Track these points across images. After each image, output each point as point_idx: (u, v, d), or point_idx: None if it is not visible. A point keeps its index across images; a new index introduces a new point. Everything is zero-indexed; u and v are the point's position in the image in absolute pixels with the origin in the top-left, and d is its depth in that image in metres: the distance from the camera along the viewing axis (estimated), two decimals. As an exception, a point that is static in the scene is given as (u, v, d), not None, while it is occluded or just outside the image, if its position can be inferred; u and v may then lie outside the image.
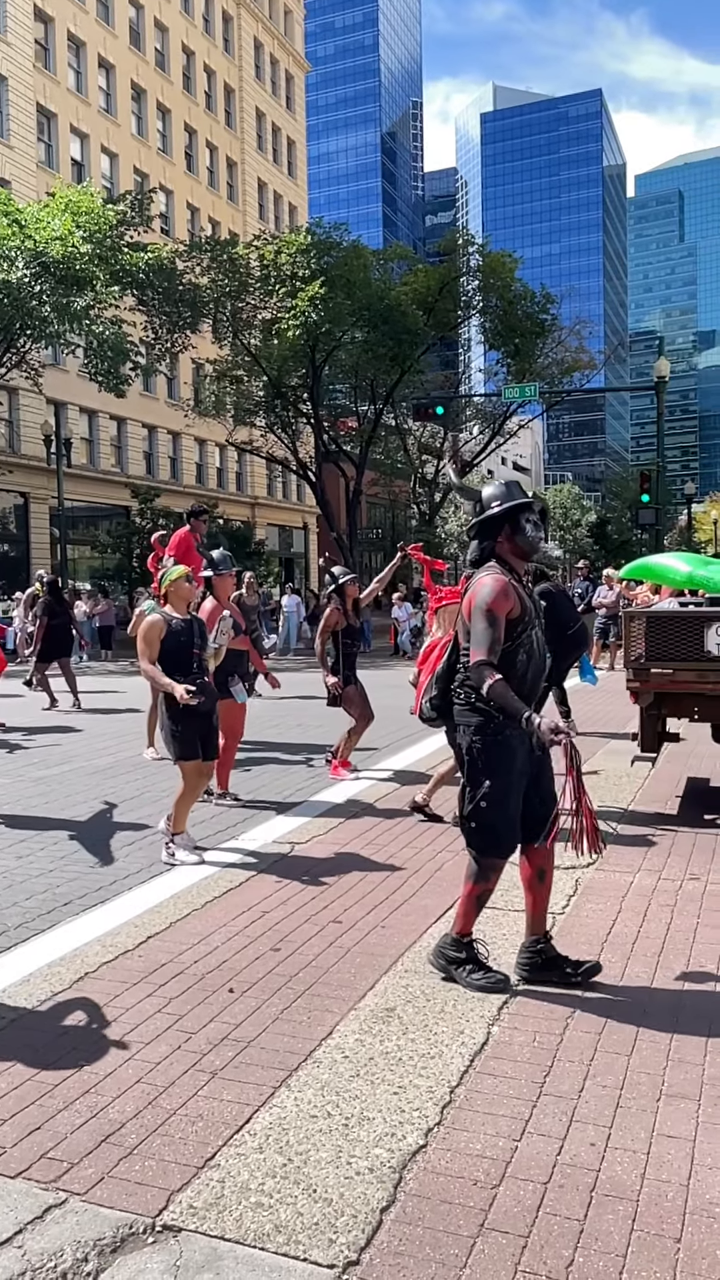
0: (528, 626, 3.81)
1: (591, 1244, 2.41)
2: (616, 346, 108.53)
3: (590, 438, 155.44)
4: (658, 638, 6.28)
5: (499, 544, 3.89)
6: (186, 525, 9.85)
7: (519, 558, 3.92)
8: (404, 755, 9.21)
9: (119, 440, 37.46)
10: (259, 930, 4.55)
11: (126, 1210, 2.56)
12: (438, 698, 4.06)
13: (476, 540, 3.95)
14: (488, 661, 3.66)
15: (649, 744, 6.71)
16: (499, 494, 3.90)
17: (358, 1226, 2.48)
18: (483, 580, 3.80)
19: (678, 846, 5.89)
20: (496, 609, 3.70)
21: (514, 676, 3.76)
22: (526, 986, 3.88)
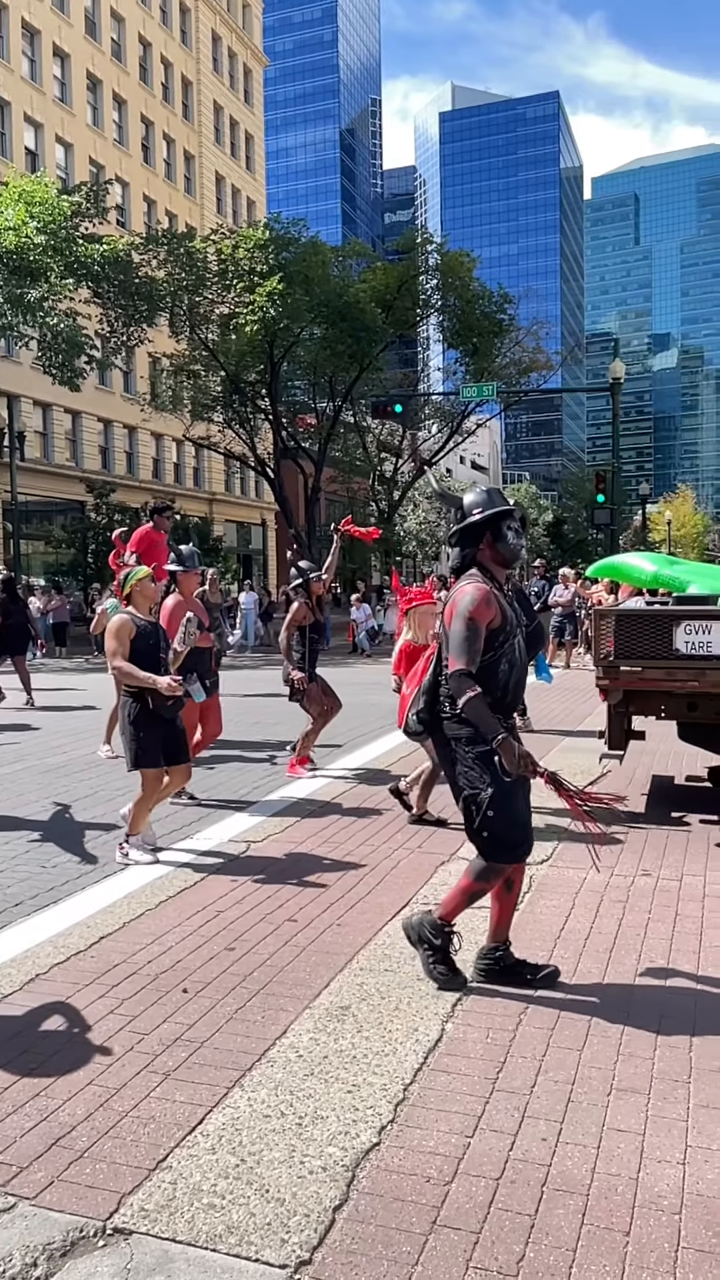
0: (509, 636, 3.78)
1: (542, 1238, 2.43)
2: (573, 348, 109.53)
3: (547, 438, 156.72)
4: (627, 636, 6.32)
5: (480, 551, 3.86)
6: (149, 522, 9.76)
7: (500, 565, 3.89)
8: (362, 753, 9.22)
9: (74, 434, 37.00)
10: (214, 930, 4.53)
11: (76, 1214, 2.53)
12: (424, 711, 3.99)
13: (458, 548, 3.90)
14: (467, 672, 3.64)
15: (617, 742, 6.75)
16: (480, 501, 3.87)
17: (310, 1226, 2.47)
18: (464, 589, 3.77)
19: (631, 843, 5.96)
20: (478, 618, 3.68)
21: (496, 686, 3.74)
22: (480, 985, 3.90)
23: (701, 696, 6.31)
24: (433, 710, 3.95)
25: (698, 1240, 2.41)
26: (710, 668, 6.08)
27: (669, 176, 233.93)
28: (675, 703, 6.50)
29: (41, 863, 5.68)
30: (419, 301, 36.03)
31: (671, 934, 4.43)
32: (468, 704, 3.61)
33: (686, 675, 6.17)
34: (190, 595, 7.08)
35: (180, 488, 42.42)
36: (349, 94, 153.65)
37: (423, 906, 4.80)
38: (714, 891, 5.01)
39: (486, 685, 3.70)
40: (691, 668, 6.13)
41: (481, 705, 3.62)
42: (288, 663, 7.97)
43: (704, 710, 6.42)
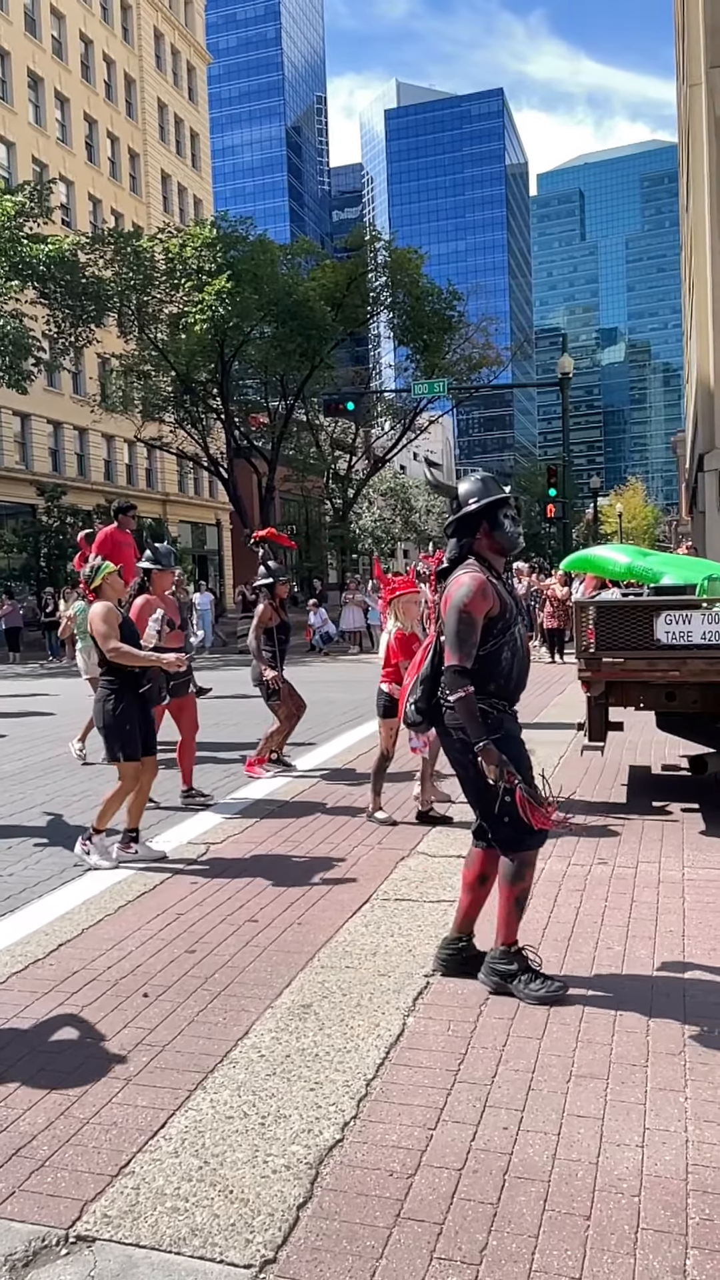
0: (510, 624, 3.73)
1: (505, 1226, 2.46)
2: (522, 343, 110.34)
3: (500, 433, 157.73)
4: (608, 627, 6.33)
5: (477, 541, 3.80)
6: (114, 522, 9.70)
7: (498, 554, 3.84)
8: (321, 751, 9.21)
9: (23, 437, 36.47)
10: (174, 933, 4.51)
11: (39, 1223, 2.51)
12: (422, 700, 3.92)
13: (454, 538, 3.85)
14: (461, 668, 3.60)
15: (597, 734, 6.78)
16: (476, 490, 3.81)
17: (275, 1225, 2.48)
18: (460, 579, 3.70)
19: (589, 832, 6.02)
20: (474, 609, 3.62)
21: (499, 674, 3.70)
22: (441, 978, 3.93)
23: (680, 686, 6.34)
24: (430, 700, 3.89)
25: (656, 1221, 2.45)
26: (691, 657, 6.12)
27: (613, 172, 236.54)
28: (654, 693, 6.53)
29: (-3, 871, 5.61)
30: (368, 299, 36.04)
31: (628, 921, 4.50)
32: (459, 702, 3.58)
33: (668, 665, 6.19)
34: (163, 593, 7.01)
35: (133, 489, 42.02)
36: (294, 91, 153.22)
37: (383, 899, 4.82)
38: (668, 878, 5.09)
39: (490, 674, 3.66)
40: (672, 657, 6.16)
41: (472, 705, 3.58)
42: (258, 663, 7.94)
43: (682, 700, 6.46)
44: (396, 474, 61.64)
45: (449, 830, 6.14)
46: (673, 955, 4.10)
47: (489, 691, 3.69)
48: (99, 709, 5.69)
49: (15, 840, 6.32)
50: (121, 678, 5.66)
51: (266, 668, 7.86)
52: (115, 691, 5.63)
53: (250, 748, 8.48)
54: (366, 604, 23.67)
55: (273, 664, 7.91)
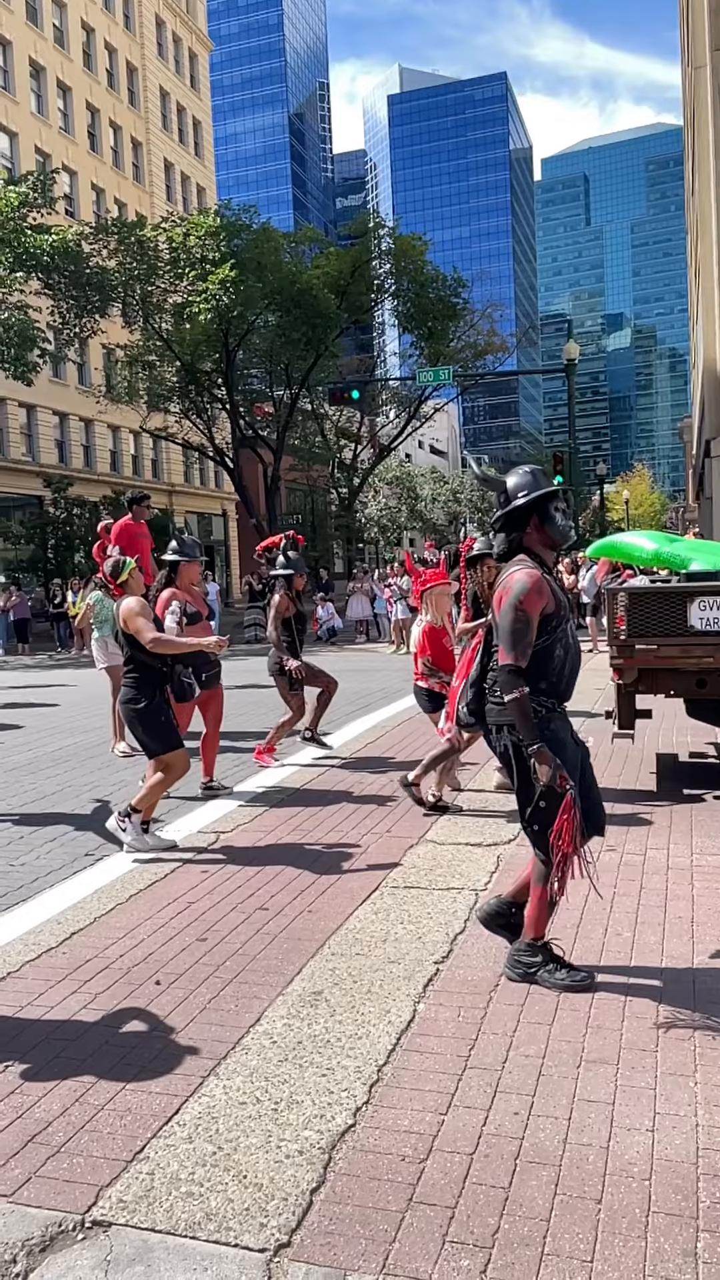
0: (563, 620, 3.66)
1: (516, 1210, 2.48)
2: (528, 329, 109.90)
3: (505, 420, 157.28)
4: (641, 614, 6.27)
5: (527, 535, 3.71)
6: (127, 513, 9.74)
7: (549, 548, 3.74)
8: (329, 740, 9.21)
9: (29, 428, 36.51)
10: (185, 921, 4.53)
11: (55, 1209, 2.54)
12: (474, 701, 3.85)
13: (502, 533, 3.76)
14: (516, 668, 3.52)
15: (627, 721, 6.72)
16: (525, 483, 3.70)
17: (288, 1209, 2.50)
18: (515, 575, 3.60)
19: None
20: (529, 607, 3.53)
21: (552, 671, 3.64)
22: (451, 965, 3.95)
23: (712, 673, 6.26)
24: (481, 701, 3.82)
25: (667, 1204, 2.47)
26: None
27: (617, 156, 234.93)
28: (685, 680, 6.45)
29: (10, 861, 5.65)
30: (373, 286, 35.96)
31: (637, 907, 4.51)
32: (513, 703, 3.50)
33: (703, 651, 6.13)
34: (189, 585, 7.02)
35: (139, 480, 42.05)
36: (296, 78, 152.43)
37: (392, 886, 4.84)
38: (677, 864, 5.10)
39: (542, 671, 3.60)
40: (707, 644, 6.11)
41: (526, 706, 3.50)
42: (277, 653, 7.97)
43: (713, 686, 6.36)
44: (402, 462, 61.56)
45: (458, 818, 6.15)
46: (682, 941, 4.11)
47: (540, 690, 3.61)
48: (128, 711, 5.67)
49: (27, 830, 6.35)
50: (144, 673, 5.64)
51: (289, 658, 7.88)
52: (139, 688, 5.63)
53: (260, 737, 8.51)
54: (373, 593, 23.66)
55: (295, 654, 7.94)
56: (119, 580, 5.80)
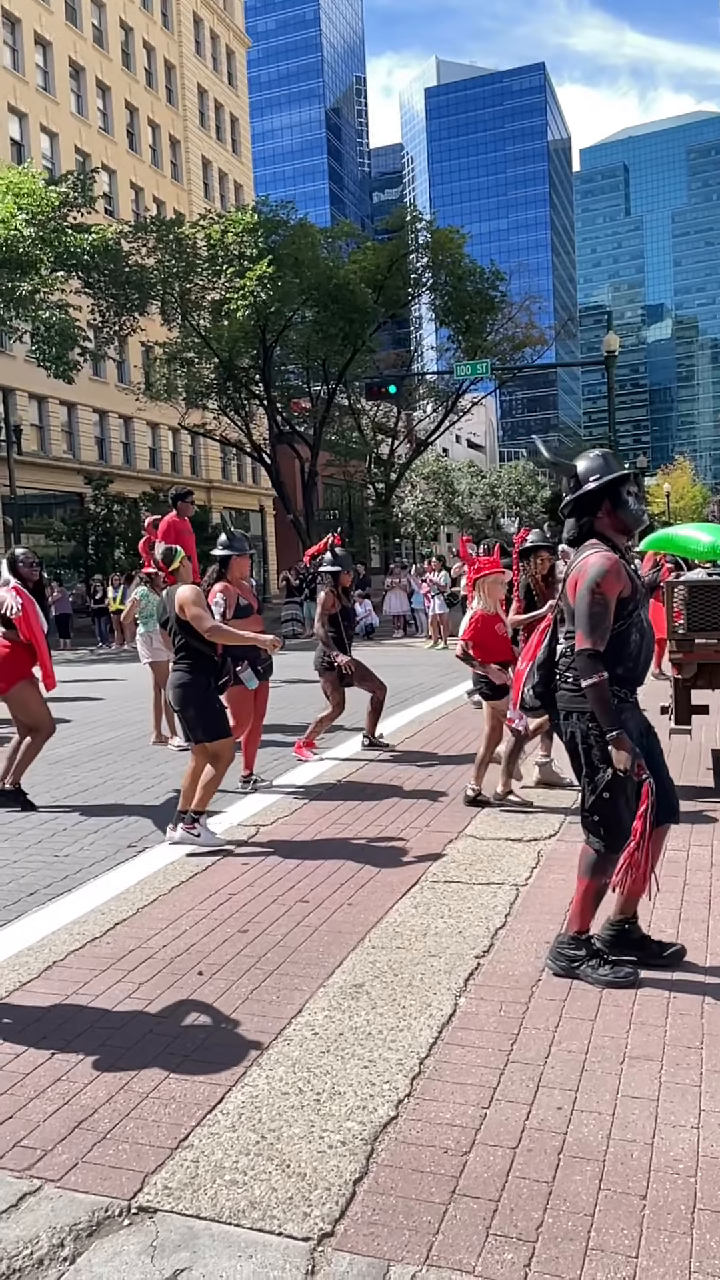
0: (638, 605, 3.62)
1: (560, 1205, 2.47)
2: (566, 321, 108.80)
3: (543, 414, 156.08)
4: (700, 608, 6.15)
5: (598, 520, 3.66)
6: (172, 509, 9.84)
7: (622, 533, 3.70)
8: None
9: (70, 426, 36.90)
10: (226, 913, 4.57)
11: (101, 1194, 2.57)
12: (540, 685, 3.80)
13: (573, 518, 3.71)
14: (595, 652, 3.47)
15: (684, 717, 6.60)
16: (597, 467, 3.66)
17: (331, 1199, 2.52)
18: (590, 559, 3.56)
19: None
20: (607, 590, 3.48)
21: (628, 656, 3.59)
22: (492, 959, 3.94)
23: None
24: (548, 685, 3.79)
25: (714, 1201, 2.45)
26: None
27: (658, 145, 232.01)
28: None
29: (55, 852, 5.72)
30: (410, 280, 35.84)
31: (680, 904, 4.46)
32: (592, 689, 3.45)
33: None
34: (239, 579, 7.07)
35: (177, 476, 42.32)
36: (333, 73, 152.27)
37: (432, 880, 4.84)
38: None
39: (618, 656, 3.55)
40: None
41: (605, 691, 3.46)
42: (325, 650, 8.00)
43: None
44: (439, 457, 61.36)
45: (497, 813, 6.13)
46: (726, 938, 4.06)
47: (616, 675, 3.55)
48: (181, 694, 5.68)
49: (70, 822, 6.43)
50: (197, 660, 5.68)
51: (337, 653, 7.92)
52: (193, 673, 5.66)
53: (300, 731, 8.54)
54: (411, 588, 23.63)
55: (343, 649, 7.98)
56: (171, 568, 5.86)
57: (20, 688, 6.75)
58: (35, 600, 6.92)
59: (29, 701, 6.82)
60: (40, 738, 6.91)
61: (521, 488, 70.42)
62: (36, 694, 6.89)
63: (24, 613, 6.70)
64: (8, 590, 6.80)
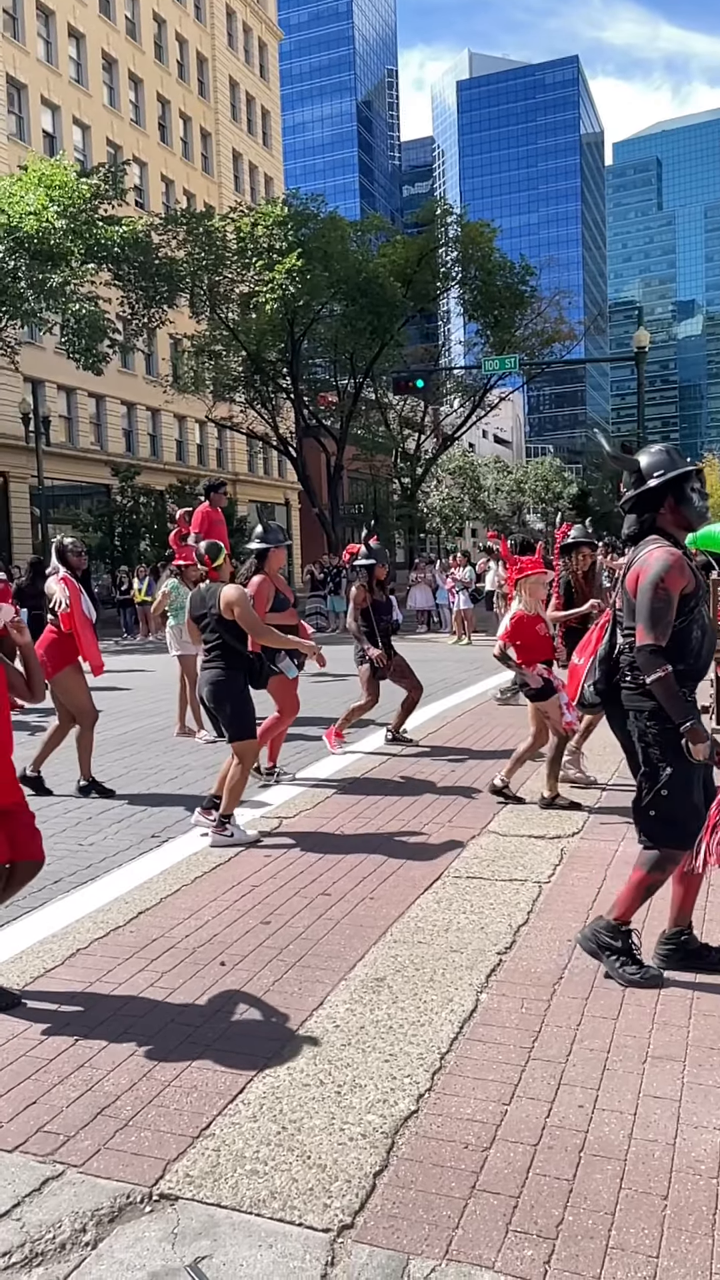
0: (700, 601, 3.59)
1: (581, 1203, 2.46)
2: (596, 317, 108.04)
3: (571, 409, 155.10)
4: None
5: (660, 516, 3.63)
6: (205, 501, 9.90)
7: (683, 529, 3.66)
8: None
9: (98, 418, 37.10)
10: (249, 904, 4.59)
11: (123, 1180, 2.60)
12: (601, 681, 3.76)
13: (634, 513, 3.69)
14: (657, 646, 3.45)
15: None
16: (661, 462, 3.62)
17: (352, 1191, 2.52)
18: (653, 554, 3.53)
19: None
20: (670, 586, 3.46)
21: (689, 653, 3.56)
22: (514, 956, 3.93)
23: None
24: (609, 681, 3.75)
25: (735, 1203, 2.43)
26: None
27: (692, 139, 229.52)
28: None
29: (79, 840, 5.77)
30: (439, 274, 35.67)
31: (705, 904, 4.43)
32: (658, 683, 3.42)
33: None
34: (275, 572, 7.09)
35: (203, 469, 42.45)
36: (365, 65, 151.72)
37: (455, 876, 4.83)
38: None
39: (680, 653, 3.52)
40: None
41: (673, 685, 3.42)
42: (359, 643, 8.03)
43: None
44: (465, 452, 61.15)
45: (520, 810, 6.11)
46: (751, 939, 4.03)
47: (677, 672, 3.50)
48: (214, 691, 5.68)
49: (95, 811, 6.48)
50: (231, 658, 5.68)
51: (369, 646, 7.94)
52: (227, 671, 5.67)
53: (324, 724, 8.56)
54: (435, 584, 23.58)
55: (375, 642, 7.98)
56: (216, 564, 5.86)
57: (66, 674, 6.80)
58: (83, 589, 6.97)
59: (73, 689, 6.87)
60: (86, 727, 6.96)
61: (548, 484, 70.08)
62: (82, 681, 6.93)
63: (70, 607, 6.74)
64: (57, 581, 6.83)
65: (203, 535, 9.59)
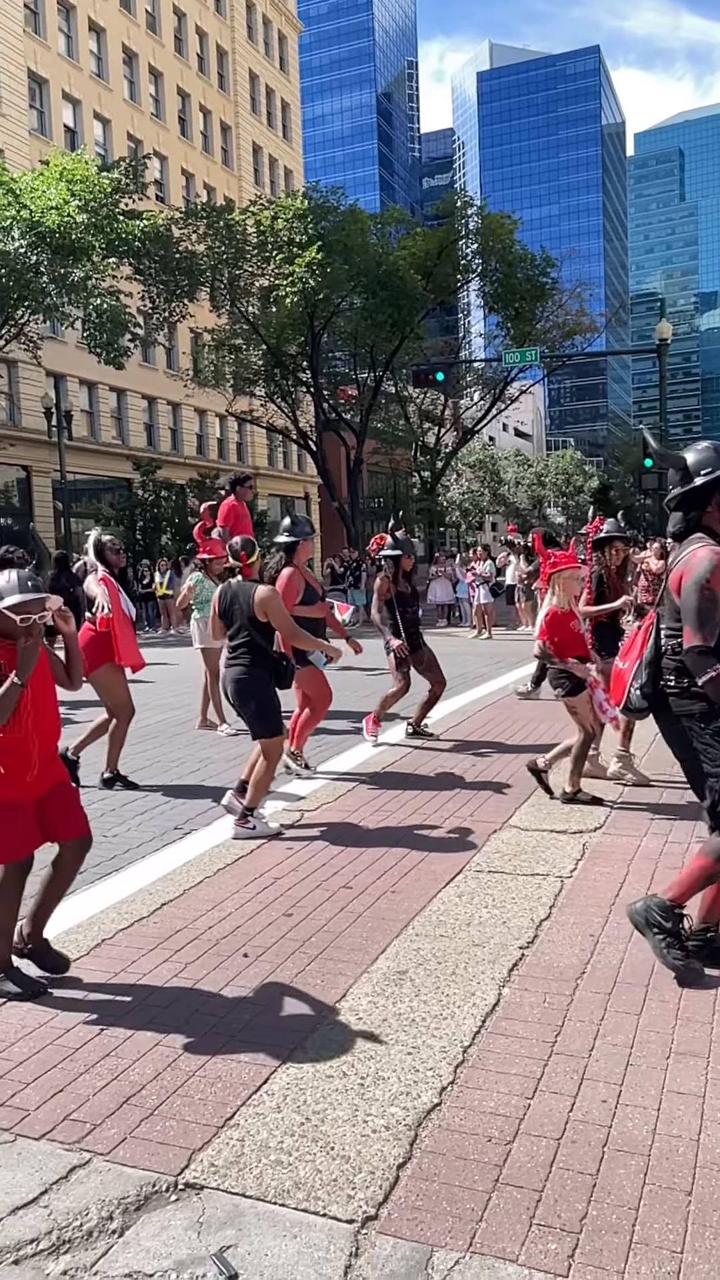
0: None
1: (605, 1197, 2.46)
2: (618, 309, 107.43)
3: (592, 402, 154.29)
4: None
5: (707, 514, 3.59)
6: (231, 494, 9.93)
7: None
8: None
9: (119, 412, 37.24)
10: (271, 896, 4.60)
11: (149, 1169, 2.62)
12: (648, 685, 3.74)
13: (679, 511, 3.65)
14: (706, 648, 3.40)
15: None
16: (708, 460, 3.57)
17: (375, 1183, 2.53)
18: (697, 554, 3.50)
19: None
20: (716, 585, 3.42)
21: None
22: (536, 950, 3.93)
23: None
24: (655, 685, 3.72)
25: (761, 1199, 2.42)
26: None
27: (714, 130, 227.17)
28: None
29: (103, 832, 5.79)
30: (459, 267, 35.54)
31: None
32: (710, 684, 3.39)
33: None
34: (303, 565, 7.11)
35: (224, 463, 42.54)
36: (384, 57, 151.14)
37: (476, 870, 4.83)
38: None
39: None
40: None
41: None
42: (385, 634, 8.05)
43: None
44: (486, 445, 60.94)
45: (542, 804, 6.10)
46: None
47: None
48: (239, 689, 5.69)
49: (119, 802, 6.52)
50: (258, 655, 5.69)
51: (392, 637, 7.96)
52: (254, 668, 5.68)
53: (346, 717, 8.59)
54: (455, 577, 23.53)
55: (397, 633, 7.99)
56: (250, 560, 5.87)
57: (104, 671, 6.83)
58: (120, 587, 7.01)
59: (111, 685, 6.91)
60: (121, 721, 7.00)
61: (569, 477, 69.75)
62: (120, 678, 6.96)
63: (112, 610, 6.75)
64: (98, 582, 6.85)
65: (229, 529, 9.60)
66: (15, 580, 3.52)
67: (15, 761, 3.56)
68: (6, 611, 3.46)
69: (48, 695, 3.72)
